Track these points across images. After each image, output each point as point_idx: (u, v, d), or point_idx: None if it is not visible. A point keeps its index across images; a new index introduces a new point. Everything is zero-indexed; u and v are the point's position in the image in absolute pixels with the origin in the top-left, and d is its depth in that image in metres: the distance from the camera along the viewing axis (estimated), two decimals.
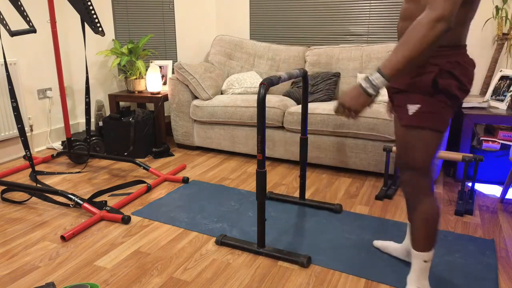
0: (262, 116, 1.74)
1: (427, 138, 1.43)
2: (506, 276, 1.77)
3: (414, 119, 1.42)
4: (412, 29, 1.23)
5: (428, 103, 1.40)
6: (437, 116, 1.41)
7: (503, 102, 2.74)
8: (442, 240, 2.04)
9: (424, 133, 1.43)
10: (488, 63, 3.11)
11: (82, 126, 3.90)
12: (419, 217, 1.49)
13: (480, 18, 3.07)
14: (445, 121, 1.43)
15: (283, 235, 2.10)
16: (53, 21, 2.82)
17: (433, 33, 1.21)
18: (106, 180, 2.85)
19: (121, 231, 2.15)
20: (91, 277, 1.76)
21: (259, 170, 1.81)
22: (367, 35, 3.44)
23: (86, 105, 2.90)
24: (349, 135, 2.83)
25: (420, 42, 1.22)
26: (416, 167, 1.46)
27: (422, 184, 1.47)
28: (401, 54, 1.24)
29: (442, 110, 1.41)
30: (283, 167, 3.11)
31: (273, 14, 3.73)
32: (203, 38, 3.98)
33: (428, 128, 1.42)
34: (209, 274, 1.78)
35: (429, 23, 1.20)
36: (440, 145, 1.48)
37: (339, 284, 1.71)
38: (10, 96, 2.40)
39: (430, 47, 1.23)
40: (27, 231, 2.16)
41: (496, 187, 2.72)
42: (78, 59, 3.74)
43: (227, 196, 2.57)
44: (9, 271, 1.81)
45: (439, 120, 1.42)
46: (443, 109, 1.41)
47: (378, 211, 2.37)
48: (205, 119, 3.29)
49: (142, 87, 3.59)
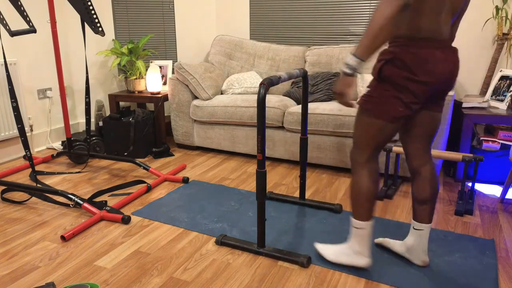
0: (262, 116, 1.74)
1: (366, 121, 1.60)
2: (506, 276, 1.77)
3: (361, 101, 1.62)
4: (375, 9, 1.36)
5: (375, 89, 1.56)
6: (379, 103, 1.55)
7: (503, 102, 2.74)
8: (442, 240, 2.04)
9: (364, 116, 1.61)
10: (488, 63, 3.11)
11: (82, 126, 3.90)
12: (351, 185, 1.71)
13: (480, 18, 3.07)
14: (386, 111, 1.54)
15: (283, 235, 2.10)
16: (53, 21, 2.82)
17: (391, 8, 1.32)
18: (106, 180, 2.86)
19: (121, 231, 2.15)
20: (91, 277, 1.76)
21: (259, 170, 1.81)
22: None
23: (86, 105, 2.90)
24: (349, 135, 2.83)
25: (381, 18, 1.34)
26: (354, 142, 1.67)
27: (357, 159, 1.67)
28: (367, 33, 1.38)
29: (386, 99, 1.53)
30: (283, 167, 3.11)
31: (273, 14, 3.73)
32: (203, 38, 3.98)
33: (367, 111, 1.59)
34: (209, 274, 1.78)
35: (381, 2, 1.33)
36: (386, 134, 1.59)
37: (339, 284, 1.71)
38: (10, 96, 2.40)
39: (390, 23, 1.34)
40: (27, 231, 2.16)
41: (496, 187, 2.72)
42: (78, 59, 3.74)
43: (227, 196, 2.57)
44: (9, 271, 1.81)
45: (380, 108, 1.55)
46: (386, 98, 1.53)
47: (378, 211, 2.37)
48: (205, 119, 3.29)
49: (142, 87, 3.59)
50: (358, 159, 1.66)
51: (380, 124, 1.57)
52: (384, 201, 2.51)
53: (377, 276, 1.76)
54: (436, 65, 1.48)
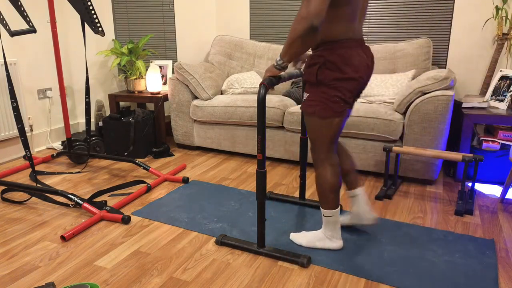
0: (262, 116, 1.74)
1: (315, 123, 1.77)
2: (506, 276, 1.77)
3: (304, 106, 1.78)
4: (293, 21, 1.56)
5: (314, 93, 1.74)
6: (321, 105, 1.72)
7: (503, 102, 2.74)
8: (442, 240, 2.04)
9: (311, 119, 1.78)
10: (488, 63, 3.11)
11: (82, 126, 3.90)
12: (316, 179, 1.87)
13: (480, 18, 3.07)
14: (330, 109, 1.72)
15: (283, 235, 2.10)
16: (53, 21, 2.82)
17: (300, 27, 1.52)
18: (106, 180, 2.86)
19: (121, 231, 2.15)
20: (91, 277, 1.76)
21: (259, 170, 1.81)
22: (367, 35, 3.44)
23: (86, 105, 2.90)
24: (349, 135, 2.83)
25: (293, 33, 1.55)
26: (312, 143, 1.84)
27: (318, 156, 1.84)
28: (286, 41, 1.60)
29: (326, 100, 1.71)
30: (283, 167, 3.11)
31: (273, 14, 3.73)
32: (203, 38, 3.98)
33: (312, 114, 1.76)
34: (209, 274, 1.78)
35: (297, 19, 1.52)
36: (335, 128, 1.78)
37: (339, 284, 1.71)
38: (10, 96, 2.40)
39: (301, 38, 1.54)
40: (27, 231, 2.16)
41: (496, 187, 2.72)
42: (78, 59, 3.74)
43: (227, 196, 2.57)
44: (9, 271, 1.81)
45: (323, 109, 1.73)
46: (326, 99, 1.71)
47: (378, 211, 2.37)
48: (205, 119, 3.29)
49: (142, 87, 3.59)
50: (319, 156, 1.84)
51: (327, 122, 1.76)
52: (384, 201, 2.51)
53: (377, 276, 1.76)
54: (361, 61, 1.70)
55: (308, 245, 1.97)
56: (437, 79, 2.55)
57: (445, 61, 3.24)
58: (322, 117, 1.74)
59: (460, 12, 3.11)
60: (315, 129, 1.79)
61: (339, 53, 1.66)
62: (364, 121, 2.73)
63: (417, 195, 2.58)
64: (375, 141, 2.78)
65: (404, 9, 3.28)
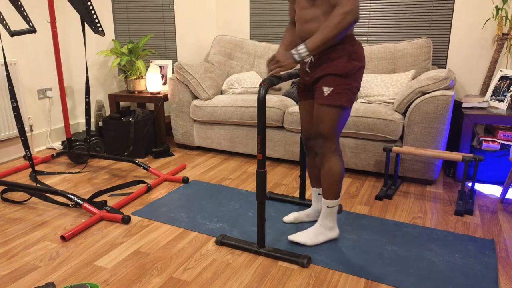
0: (262, 116, 1.74)
1: (338, 115, 1.82)
2: (506, 276, 1.77)
3: (329, 100, 1.80)
4: (331, 17, 1.64)
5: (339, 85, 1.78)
6: (345, 96, 1.78)
7: (503, 102, 2.74)
8: (442, 240, 2.04)
9: (335, 111, 1.81)
10: (488, 63, 3.11)
11: (82, 126, 3.90)
12: (325, 171, 1.89)
13: (480, 18, 3.07)
14: (351, 100, 1.81)
15: (283, 235, 2.10)
16: (53, 21, 2.82)
17: (345, 22, 1.63)
18: (106, 180, 2.86)
19: (121, 231, 2.15)
20: (91, 277, 1.76)
21: (259, 170, 1.81)
22: (367, 35, 3.44)
23: (86, 105, 2.90)
24: (349, 135, 2.83)
25: (335, 28, 1.63)
26: (324, 136, 1.86)
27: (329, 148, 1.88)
28: (321, 35, 1.66)
29: (349, 91, 1.79)
30: (283, 167, 3.11)
31: (273, 14, 3.73)
32: (203, 38, 3.98)
33: (339, 107, 1.80)
34: (209, 274, 1.78)
35: (341, 15, 1.62)
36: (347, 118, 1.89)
37: (339, 284, 1.71)
38: (10, 96, 2.40)
39: (341, 33, 1.65)
40: (27, 231, 2.16)
41: (496, 187, 2.72)
42: (78, 59, 3.74)
43: (227, 196, 2.57)
44: (9, 271, 1.81)
45: (346, 100, 1.79)
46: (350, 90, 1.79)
47: (378, 211, 2.37)
48: (205, 119, 3.29)
49: (142, 87, 3.59)
50: (330, 148, 1.88)
51: (347, 113, 1.85)
52: (384, 201, 2.51)
53: (377, 276, 1.76)
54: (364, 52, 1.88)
55: (314, 243, 1.99)
56: (437, 79, 2.55)
57: (445, 61, 3.24)
58: (345, 108, 1.82)
59: (460, 12, 3.11)
60: (335, 120, 1.82)
61: (356, 44, 1.79)
62: (364, 121, 2.73)
63: (417, 195, 2.58)
64: (375, 141, 2.78)
65: (404, 9, 3.28)
